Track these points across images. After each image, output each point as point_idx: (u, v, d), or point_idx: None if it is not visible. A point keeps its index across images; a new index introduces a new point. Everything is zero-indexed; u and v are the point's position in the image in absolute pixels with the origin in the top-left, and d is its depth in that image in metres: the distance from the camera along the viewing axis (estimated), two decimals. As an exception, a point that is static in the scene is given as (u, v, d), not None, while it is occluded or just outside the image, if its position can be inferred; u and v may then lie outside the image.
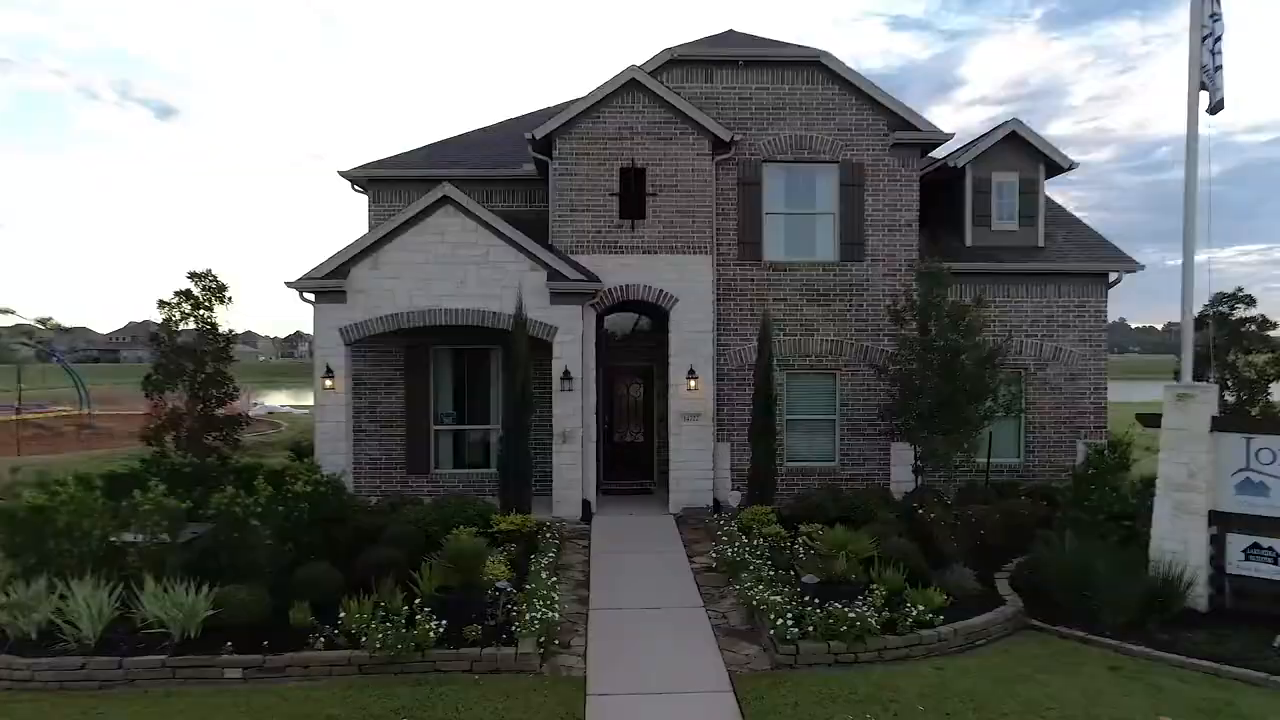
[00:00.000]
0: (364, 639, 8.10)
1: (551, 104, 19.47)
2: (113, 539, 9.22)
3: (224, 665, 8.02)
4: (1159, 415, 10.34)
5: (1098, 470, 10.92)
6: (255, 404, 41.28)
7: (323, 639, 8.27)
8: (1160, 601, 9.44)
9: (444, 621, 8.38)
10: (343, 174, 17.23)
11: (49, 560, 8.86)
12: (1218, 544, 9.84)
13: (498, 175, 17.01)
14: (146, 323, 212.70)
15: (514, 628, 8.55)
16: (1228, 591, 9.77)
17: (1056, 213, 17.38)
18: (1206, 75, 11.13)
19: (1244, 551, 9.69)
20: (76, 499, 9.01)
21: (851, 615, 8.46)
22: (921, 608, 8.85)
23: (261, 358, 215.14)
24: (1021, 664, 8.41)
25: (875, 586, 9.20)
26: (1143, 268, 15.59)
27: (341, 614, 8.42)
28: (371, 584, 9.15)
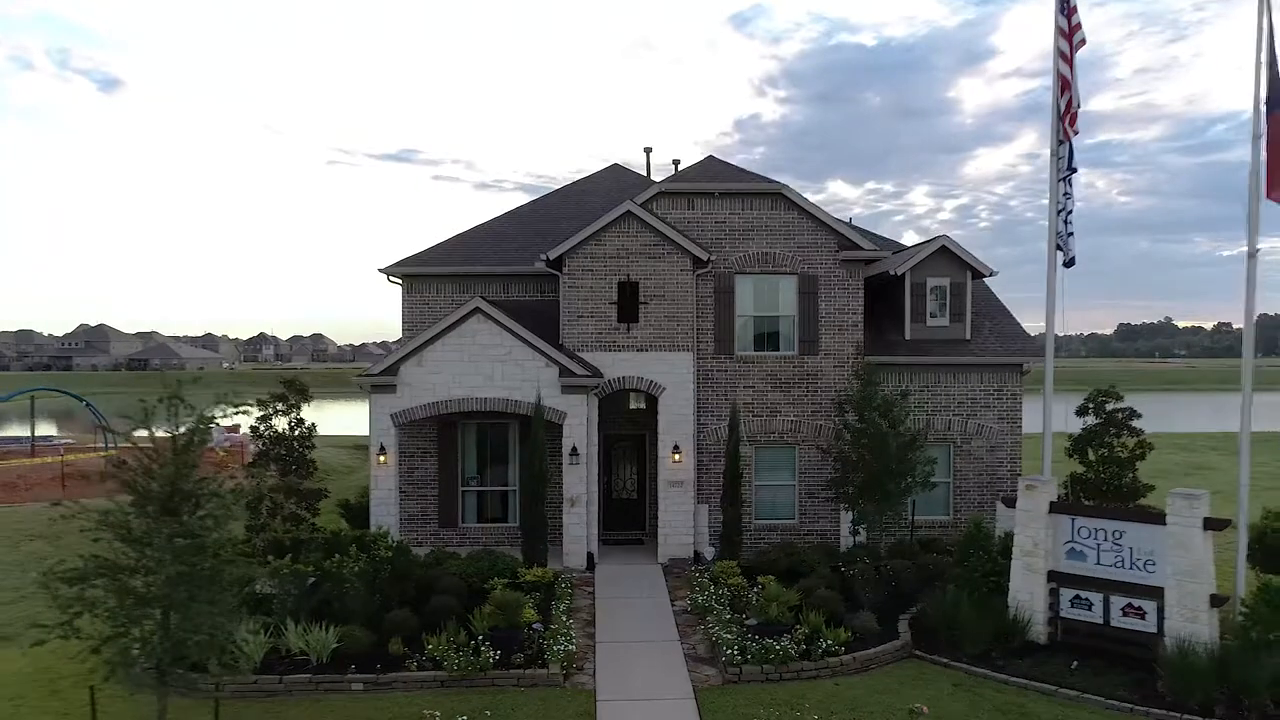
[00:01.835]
0: (444, 663, 12.91)
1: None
2: (256, 590, 14.01)
3: (350, 681, 12.83)
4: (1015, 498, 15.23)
5: (975, 538, 15.75)
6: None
7: (415, 663, 13.10)
8: (1007, 636, 14.31)
9: (498, 651, 13.20)
10: (381, 270, 22.06)
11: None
12: (1054, 595, 14.69)
13: (514, 271, 21.81)
14: (101, 326, 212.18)
15: (545, 656, 13.39)
16: (1059, 630, 14.62)
17: (989, 305, 22.32)
18: (1061, 240, 16.12)
19: (1070, 601, 14.55)
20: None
21: (778, 647, 13.30)
22: (831, 642, 13.69)
23: (225, 364, 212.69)
24: (895, 681, 13.25)
25: (799, 627, 14.04)
26: (1048, 360, 20.44)
27: (429, 645, 13.24)
28: (439, 624, 13.98)
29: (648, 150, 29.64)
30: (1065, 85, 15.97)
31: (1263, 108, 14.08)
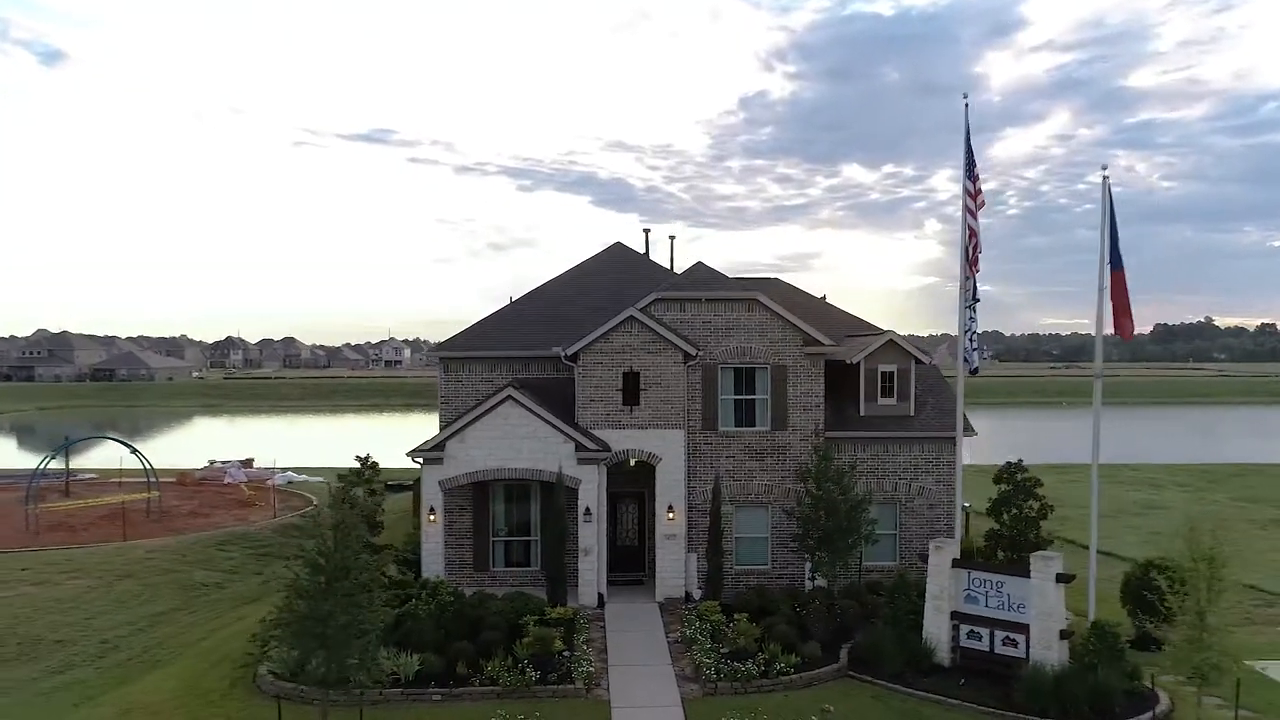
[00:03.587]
0: (499, 680, 18.79)
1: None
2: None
3: (430, 693, 18.71)
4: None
5: (900, 586, 21.67)
6: (275, 474, 51.52)
7: (477, 681, 18.98)
8: (919, 661, 20.21)
9: (537, 672, 19.09)
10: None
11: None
12: (955, 630, 20.60)
13: (534, 354, 27.73)
14: (64, 334, 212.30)
15: (572, 675, 19.27)
16: (959, 656, 20.54)
17: (934, 383, 28.30)
18: (967, 353, 22.08)
19: (967, 634, 20.47)
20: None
21: (744, 669, 19.22)
22: (784, 665, 19.60)
23: (195, 373, 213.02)
24: (830, 694, 19.14)
25: (762, 654, 19.95)
26: (975, 433, 26.40)
27: (487, 668, 19.12)
28: (491, 651, 19.84)
29: (646, 230, 35.77)
30: (972, 233, 21.93)
31: (1107, 267, 20.05)
